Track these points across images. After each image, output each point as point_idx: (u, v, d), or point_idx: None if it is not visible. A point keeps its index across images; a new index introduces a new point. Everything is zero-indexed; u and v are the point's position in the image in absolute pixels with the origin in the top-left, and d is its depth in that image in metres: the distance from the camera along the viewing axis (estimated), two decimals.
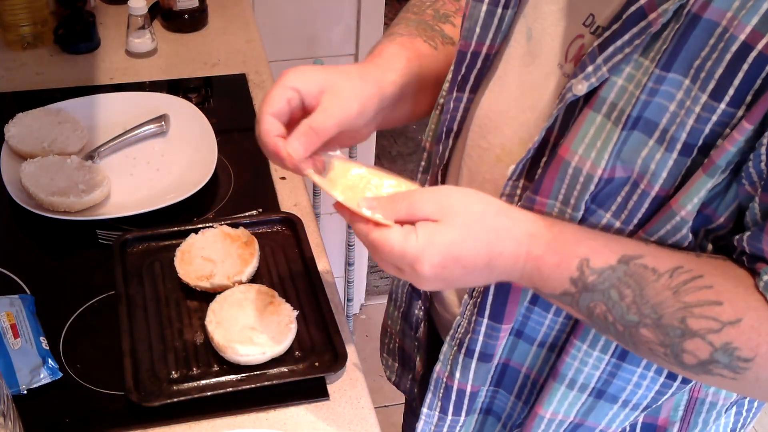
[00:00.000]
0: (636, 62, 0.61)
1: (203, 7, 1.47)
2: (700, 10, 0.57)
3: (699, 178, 0.60)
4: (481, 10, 0.72)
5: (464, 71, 0.76)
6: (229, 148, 1.18)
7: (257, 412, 0.84)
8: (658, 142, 0.61)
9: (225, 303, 0.89)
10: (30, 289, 0.95)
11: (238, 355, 0.84)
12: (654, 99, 0.60)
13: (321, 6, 1.78)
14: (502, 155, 0.74)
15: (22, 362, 0.85)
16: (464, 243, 0.65)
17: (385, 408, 1.11)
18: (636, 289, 0.63)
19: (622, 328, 0.65)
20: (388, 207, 0.67)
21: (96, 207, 1.05)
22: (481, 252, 0.65)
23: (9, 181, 1.06)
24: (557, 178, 0.66)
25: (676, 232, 0.64)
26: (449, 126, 0.79)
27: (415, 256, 0.64)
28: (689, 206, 0.61)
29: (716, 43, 0.57)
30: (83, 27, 1.37)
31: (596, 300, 0.65)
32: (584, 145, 0.64)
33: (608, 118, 0.62)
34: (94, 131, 1.18)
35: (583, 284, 0.65)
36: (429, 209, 0.66)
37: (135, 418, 0.82)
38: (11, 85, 1.29)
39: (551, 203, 0.68)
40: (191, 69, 1.37)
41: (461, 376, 0.81)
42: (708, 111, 0.58)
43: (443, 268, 0.65)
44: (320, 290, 0.94)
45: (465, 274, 0.67)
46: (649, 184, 0.63)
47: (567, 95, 0.64)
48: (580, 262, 0.65)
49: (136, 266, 0.96)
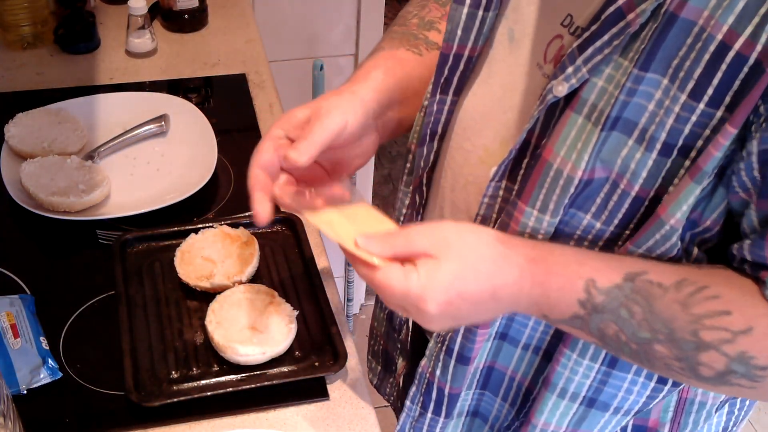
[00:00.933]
0: (615, 63, 0.60)
1: (203, 7, 1.47)
2: (677, 9, 0.57)
3: (687, 185, 0.60)
4: (462, 13, 0.72)
5: (447, 73, 0.76)
6: (229, 148, 1.18)
7: (257, 412, 0.84)
8: (638, 141, 0.61)
9: (225, 303, 0.89)
10: (30, 289, 0.95)
11: (238, 355, 0.84)
12: (633, 99, 0.60)
13: (321, 6, 1.78)
14: (485, 157, 0.74)
15: (22, 362, 0.85)
16: (465, 277, 0.64)
17: (385, 408, 1.11)
18: (645, 305, 0.62)
19: (636, 346, 0.64)
20: (385, 244, 0.67)
21: (96, 207, 1.05)
22: (484, 284, 0.65)
23: (9, 181, 1.06)
24: (539, 183, 0.66)
25: (666, 241, 0.63)
26: (433, 128, 0.79)
27: (419, 295, 0.64)
28: (678, 214, 0.61)
29: (694, 43, 0.57)
30: (83, 27, 1.37)
31: (607, 320, 0.64)
32: (566, 147, 0.64)
33: (588, 120, 0.62)
34: (94, 131, 1.18)
35: (592, 305, 0.64)
36: (426, 244, 0.65)
37: (135, 418, 0.82)
38: (11, 85, 1.29)
39: (529, 211, 0.67)
40: (191, 69, 1.37)
41: (441, 374, 0.81)
42: (687, 111, 0.58)
43: (449, 305, 0.64)
44: (320, 290, 0.94)
45: (472, 309, 0.66)
46: (629, 184, 0.63)
47: (548, 96, 0.64)
48: (585, 283, 0.64)
49: (136, 266, 0.96)
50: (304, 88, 1.83)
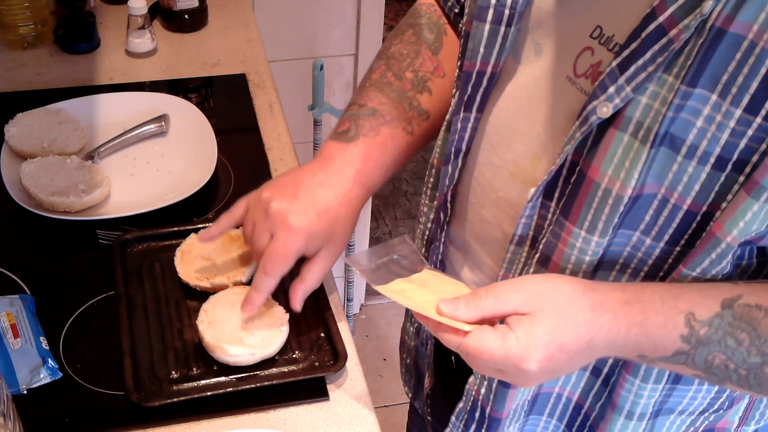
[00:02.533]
0: (660, 79, 0.60)
1: (203, 7, 1.47)
2: (724, 24, 0.56)
3: (743, 200, 0.59)
4: (484, 30, 0.72)
5: (470, 91, 0.75)
6: (229, 148, 1.18)
7: (257, 412, 0.84)
8: (687, 157, 0.60)
9: (218, 304, 0.89)
10: (30, 289, 0.95)
11: (228, 356, 0.84)
12: (680, 115, 0.59)
13: (321, 6, 1.78)
14: (516, 172, 0.74)
15: (22, 362, 0.85)
16: (565, 329, 0.62)
17: (385, 408, 1.11)
18: (750, 330, 0.62)
19: (745, 372, 0.63)
20: (472, 306, 0.64)
21: (96, 207, 1.05)
22: (581, 333, 0.63)
23: (9, 181, 1.06)
24: (586, 203, 0.65)
25: (722, 260, 0.62)
26: (458, 146, 0.79)
27: (521, 356, 0.61)
28: (735, 231, 0.60)
29: (744, 57, 0.56)
30: (83, 27, 1.37)
31: (714, 351, 0.63)
32: (613, 166, 0.63)
33: (635, 137, 0.61)
34: (94, 131, 1.18)
35: (696, 339, 0.63)
36: (517, 301, 0.63)
37: (135, 418, 0.82)
38: (11, 85, 1.28)
39: (577, 232, 0.67)
40: (191, 69, 1.37)
41: (485, 394, 0.80)
42: (744, 125, 0.58)
43: (549, 360, 0.62)
44: (320, 290, 0.94)
45: (569, 360, 0.64)
46: (680, 198, 0.62)
47: (591, 118, 0.63)
48: (686, 317, 0.63)
49: (136, 266, 0.96)
50: (304, 88, 1.83)
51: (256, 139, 1.21)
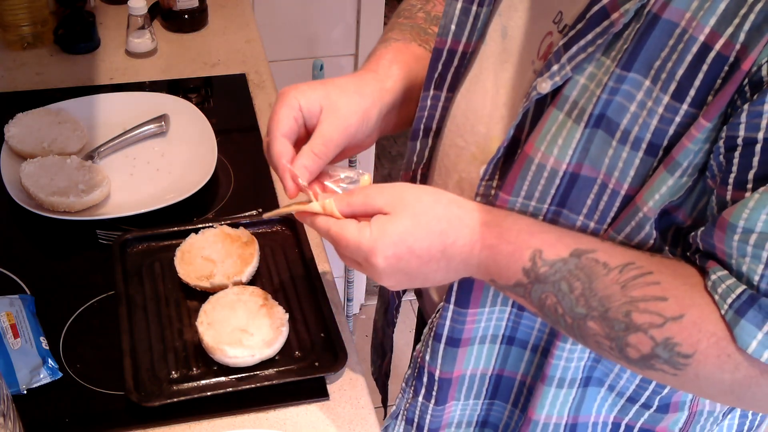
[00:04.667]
0: (598, 61, 0.61)
1: (203, 7, 1.47)
2: (659, 10, 0.57)
3: (660, 174, 0.61)
4: (456, 8, 0.73)
5: (441, 69, 0.76)
6: (229, 148, 1.18)
7: (257, 412, 0.84)
8: (621, 141, 0.62)
9: (218, 304, 0.89)
10: (30, 289, 0.95)
11: (227, 357, 0.84)
12: (614, 98, 0.61)
13: (321, 6, 1.78)
14: (477, 153, 0.75)
15: (22, 362, 0.85)
16: (416, 232, 0.66)
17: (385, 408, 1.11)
18: (585, 282, 0.64)
19: (571, 320, 0.65)
20: (344, 201, 0.70)
21: (96, 207, 1.05)
22: (434, 241, 0.66)
23: (9, 181, 1.06)
24: (520, 176, 0.67)
25: (641, 229, 0.64)
26: (427, 124, 0.80)
27: (370, 248, 0.66)
28: (650, 202, 0.62)
29: (676, 44, 0.57)
30: (83, 27, 1.37)
31: (547, 291, 0.65)
32: (546, 142, 0.64)
33: (569, 116, 0.63)
34: (94, 131, 1.18)
35: (535, 275, 0.65)
36: (382, 201, 0.68)
37: (135, 418, 0.82)
38: (11, 85, 1.29)
39: (513, 200, 0.68)
40: (191, 69, 1.37)
41: (431, 359, 0.82)
42: (671, 112, 0.59)
43: (398, 259, 0.66)
44: (320, 290, 0.94)
45: (421, 265, 0.67)
46: (618, 183, 0.63)
47: (532, 93, 0.65)
48: (533, 252, 0.65)
49: (136, 266, 0.96)
50: None
51: (256, 139, 1.21)
